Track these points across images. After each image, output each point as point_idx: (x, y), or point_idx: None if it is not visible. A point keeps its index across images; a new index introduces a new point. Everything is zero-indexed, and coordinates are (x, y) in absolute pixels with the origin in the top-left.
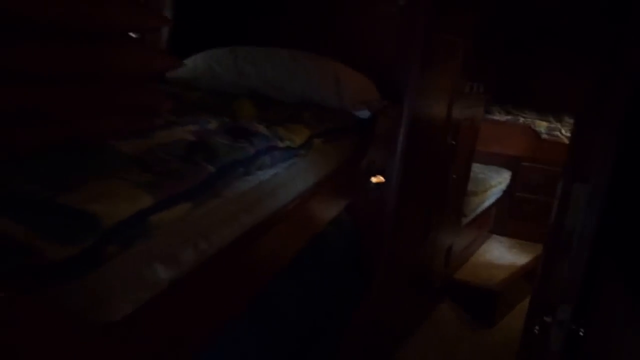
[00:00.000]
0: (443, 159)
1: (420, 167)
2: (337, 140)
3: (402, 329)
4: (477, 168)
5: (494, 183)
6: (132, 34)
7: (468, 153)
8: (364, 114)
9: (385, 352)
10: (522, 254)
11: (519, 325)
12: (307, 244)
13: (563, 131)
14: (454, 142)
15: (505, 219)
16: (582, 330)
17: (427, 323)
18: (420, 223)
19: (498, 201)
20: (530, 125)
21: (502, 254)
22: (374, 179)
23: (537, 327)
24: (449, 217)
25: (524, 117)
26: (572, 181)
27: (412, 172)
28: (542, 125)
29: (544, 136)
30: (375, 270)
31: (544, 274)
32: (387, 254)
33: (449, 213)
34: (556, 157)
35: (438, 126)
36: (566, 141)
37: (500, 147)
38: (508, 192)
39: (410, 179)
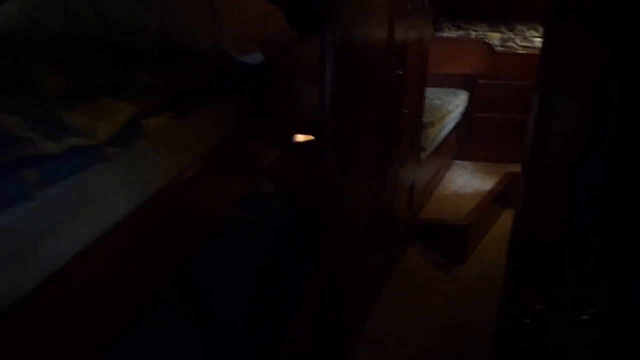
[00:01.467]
0: (390, 91)
1: (362, 108)
2: (204, 108)
3: (371, 288)
4: (431, 93)
5: (451, 108)
6: None
7: (419, 80)
8: (255, 58)
9: (356, 318)
10: (487, 177)
11: (490, 257)
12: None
13: (517, 41)
14: (400, 72)
15: (467, 142)
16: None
17: (395, 273)
18: (373, 168)
19: (457, 125)
20: (483, 39)
21: (466, 182)
22: (299, 138)
23: (527, 320)
24: (407, 155)
25: (475, 31)
26: (550, 95)
27: (353, 116)
28: (494, 37)
29: (499, 49)
30: (323, 240)
31: (525, 209)
32: (335, 217)
33: (406, 150)
34: (513, 71)
35: (378, 55)
36: (522, 51)
37: (454, 67)
38: (467, 114)
39: (351, 124)
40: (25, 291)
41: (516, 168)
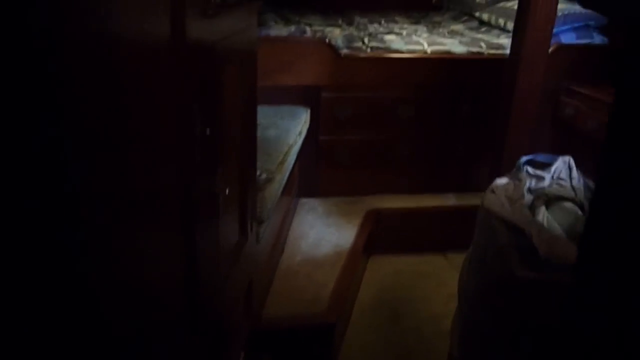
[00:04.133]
0: (186, 165)
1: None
2: None
3: None
4: (262, 117)
5: (292, 139)
6: None
7: (245, 105)
8: None
9: None
10: (345, 220)
11: (365, 340)
12: None
13: (365, 40)
14: (207, 129)
15: (313, 174)
16: None
17: None
18: (169, 281)
19: (300, 153)
20: (323, 37)
21: (320, 234)
22: None
23: None
24: (232, 244)
25: (309, 26)
26: None
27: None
28: (336, 36)
29: (344, 52)
30: None
31: None
32: None
33: (229, 237)
34: (364, 79)
35: (152, 75)
36: (372, 54)
37: (289, 77)
38: (310, 138)
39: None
40: None
41: (378, 202)
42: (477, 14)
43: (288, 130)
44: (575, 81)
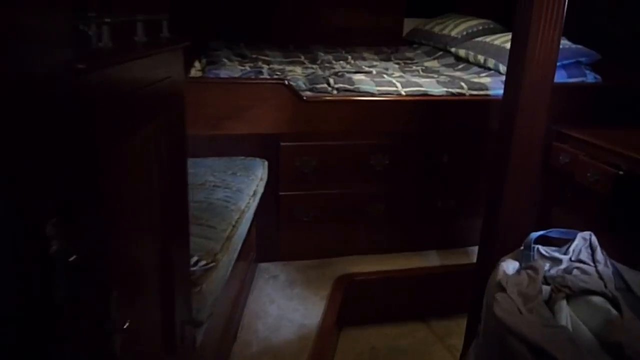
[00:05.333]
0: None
1: None
2: None
3: None
4: (210, 175)
5: (245, 203)
6: None
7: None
8: None
9: None
10: (311, 291)
11: None
12: None
13: (331, 81)
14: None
15: (273, 235)
16: None
17: None
18: None
19: (257, 211)
20: (282, 78)
21: (281, 310)
22: None
23: None
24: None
25: (267, 63)
26: None
27: None
28: (297, 76)
29: (307, 94)
30: None
31: None
32: None
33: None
34: (330, 126)
35: None
36: (340, 97)
37: (243, 125)
38: (270, 193)
39: None
40: None
41: (348, 265)
42: (452, 50)
43: (240, 190)
44: (568, 124)
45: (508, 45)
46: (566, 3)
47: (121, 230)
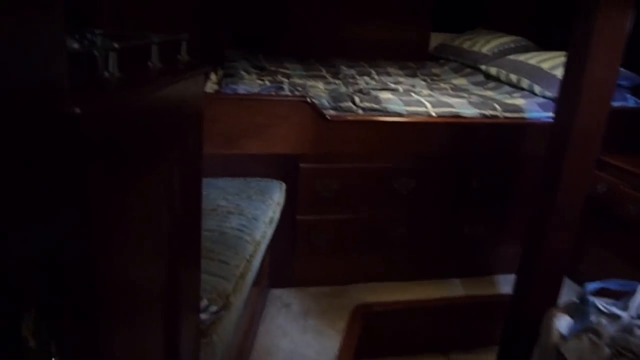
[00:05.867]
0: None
1: None
2: None
3: None
4: (223, 199)
5: (260, 234)
6: None
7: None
8: None
9: None
10: (327, 323)
11: None
12: None
13: (356, 99)
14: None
15: (287, 261)
16: None
17: None
18: None
19: (273, 239)
20: (304, 94)
21: (294, 344)
22: None
23: None
24: None
25: (287, 77)
26: None
27: None
28: (320, 93)
29: (330, 113)
30: None
31: None
32: None
33: None
34: (354, 147)
35: None
36: (365, 116)
37: (259, 144)
38: (286, 217)
39: None
40: None
41: (366, 293)
42: (482, 67)
43: (256, 217)
44: (606, 150)
45: (544, 65)
46: (628, 22)
47: (119, 317)
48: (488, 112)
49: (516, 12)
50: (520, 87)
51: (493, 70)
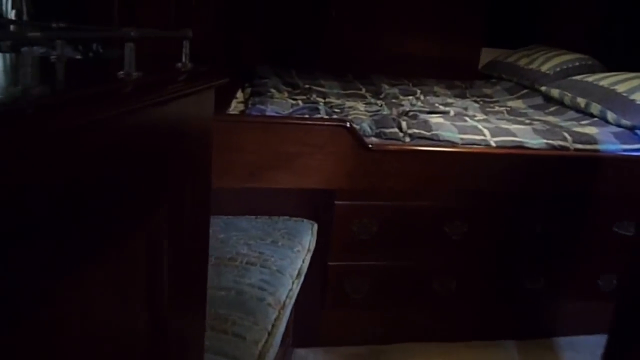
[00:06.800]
0: None
1: None
2: None
3: None
4: (245, 240)
5: (284, 295)
6: None
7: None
8: None
9: None
10: None
11: None
12: None
13: (404, 126)
14: None
15: (315, 314)
16: None
17: None
18: None
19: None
20: (342, 117)
21: None
22: None
23: None
24: None
25: (322, 97)
26: None
27: None
28: (359, 113)
29: (372, 140)
30: None
31: None
32: None
33: None
34: (400, 182)
35: None
36: (413, 145)
37: (288, 177)
38: (316, 263)
39: None
40: None
41: (405, 355)
42: (542, 88)
43: (282, 270)
44: None
45: (620, 88)
46: None
47: None
48: (557, 143)
49: (577, 27)
50: (589, 113)
51: (555, 92)
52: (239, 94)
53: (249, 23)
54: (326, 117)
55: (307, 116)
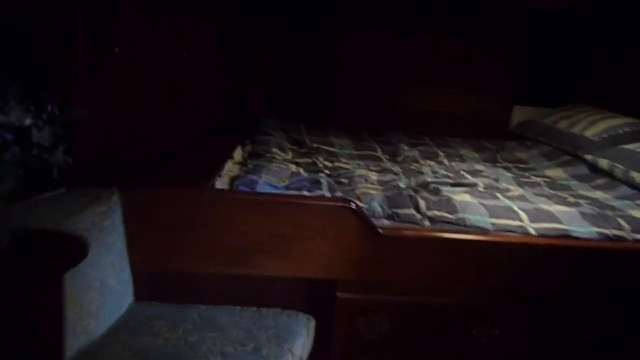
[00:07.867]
0: None
1: None
2: None
3: None
4: (220, 345)
5: None
6: None
7: None
8: None
9: None
10: None
11: None
12: None
13: (422, 206)
14: None
15: None
16: None
17: None
18: None
19: None
20: (349, 197)
21: None
22: None
23: None
24: None
25: (331, 156)
26: None
27: None
28: (369, 186)
29: (383, 222)
30: None
31: None
32: None
33: None
34: (416, 273)
35: None
36: (432, 232)
37: (284, 262)
38: None
39: None
40: None
41: None
42: (587, 157)
43: None
44: None
45: None
46: None
47: None
48: (611, 232)
49: (624, 87)
50: None
51: (603, 163)
52: (237, 153)
53: (257, 75)
54: (328, 193)
55: (305, 192)
